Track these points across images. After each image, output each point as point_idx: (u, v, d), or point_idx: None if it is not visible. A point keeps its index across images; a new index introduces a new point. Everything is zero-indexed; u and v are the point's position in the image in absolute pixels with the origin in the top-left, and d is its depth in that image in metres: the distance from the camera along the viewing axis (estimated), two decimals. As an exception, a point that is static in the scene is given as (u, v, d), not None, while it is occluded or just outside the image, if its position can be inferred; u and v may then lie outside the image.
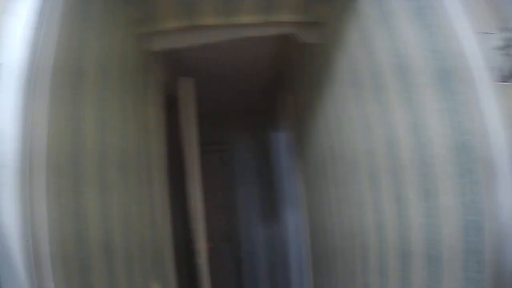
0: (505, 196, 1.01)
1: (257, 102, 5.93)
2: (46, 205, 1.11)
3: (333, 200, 2.69)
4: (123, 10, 2.27)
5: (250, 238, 5.91)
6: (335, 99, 2.43)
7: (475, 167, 1.13)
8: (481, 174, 1.11)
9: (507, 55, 1.04)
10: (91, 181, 1.53)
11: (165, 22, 2.56)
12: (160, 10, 2.45)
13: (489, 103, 1.06)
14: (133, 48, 2.47)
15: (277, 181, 5.60)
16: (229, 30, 2.66)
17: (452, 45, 1.17)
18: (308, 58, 2.98)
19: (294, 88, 3.66)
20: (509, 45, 1.04)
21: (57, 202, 1.20)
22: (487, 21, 1.10)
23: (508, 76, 1.04)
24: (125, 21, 2.31)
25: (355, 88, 2.07)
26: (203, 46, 2.72)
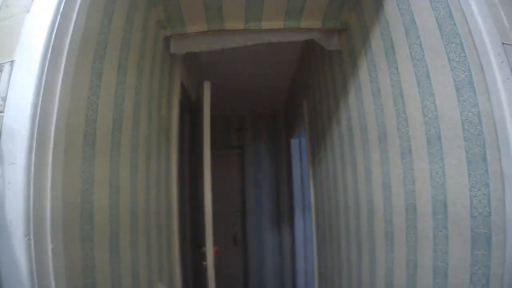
0: None
1: (275, 107, 5.96)
2: (51, 177, 1.11)
3: (342, 209, 2.69)
4: (152, 12, 2.32)
5: (259, 243, 5.90)
6: (352, 108, 2.44)
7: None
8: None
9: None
10: (103, 153, 1.56)
11: (190, 26, 2.61)
12: (187, 13, 2.49)
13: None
14: (159, 50, 2.52)
15: (290, 187, 5.60)
16: (252, 35, 2.68)
17: (477, 55, 1.18)
18: (328, 66, 2.99)
19: (312, 95, 3.67)
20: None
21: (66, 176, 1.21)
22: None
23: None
24: (152, 23, 2.36)
25: (374, 98, 2.07)
26: (225, 50, 2.74)
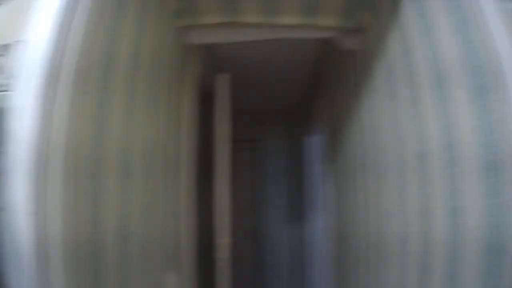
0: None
1: (293, 103, 5.93)
2: (61, 195, 1.11)
3: (361, 209, 2.67)
4: (167, 1, 2.31)
5: (274, 238, 5.91)
6: (370, 108, 2.41)
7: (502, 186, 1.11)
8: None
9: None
10: (112, 169, 1.53)
11: (206, 16, 2.59)
12: (202, 3, 2.48)
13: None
14: (172, 40, 2.52)
15: (307, 184, 5.58)
16: (270, 30, 2.67)
17: (493, 62, 1.15)
18: (347, 65, 2.96)
19: (331, 93, 3.64)
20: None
21: (74, 189, 1.20)
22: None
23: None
24: (166, 13, 2.35)
25: (391, 98, 2.05)
26: (243, 43, 2.72)
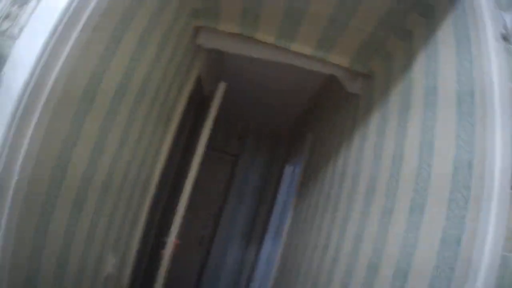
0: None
1: (281, 128, 5.96)
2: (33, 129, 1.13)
3: (310, 244, 2.69)
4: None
5: (223, 251, 5.87)
6: (351, 154, 2.44)
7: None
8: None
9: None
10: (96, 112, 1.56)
11: (223, 23, 2.60)
12: (223, 10, 2.49)
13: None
14: (187, 40, 2.54)
15: (270, 210, 5.58)
16: (279, 53, 2.68)
17: (480, 135, 1.18)
18: (343, 107, 3.00)
19: (319, 130, 3.68)
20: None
21: (49, 126, 1.22)
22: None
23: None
24: (188, 10, 2.38)
25: (375, 152, 2.07)
26: (251, 58, 2.75)
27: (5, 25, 1.15)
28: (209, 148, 2.94)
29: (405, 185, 1.61)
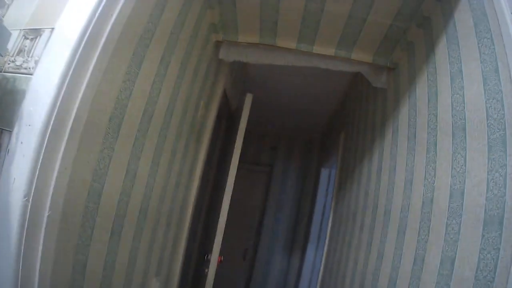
0: None
1: (312, 133, 5.93)
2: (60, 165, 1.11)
3: (353, 248, 2.64)
4: (207, 13, 2.36)
5: (267, 263, 5.83)
6: (385, 149, 2.39)
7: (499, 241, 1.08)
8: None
9: None
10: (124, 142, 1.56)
11: (243, 35, 2.64)
12: (240, 22, 2.53)
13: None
14: (208, 52, 2.56)
15: (310, 216, 5.52)
16: (302, 57, 2.68)
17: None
18: (372, 103, 2.96)
19: (350, 129, 3.63)
20: None
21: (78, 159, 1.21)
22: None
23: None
24: (206, 25, 2.41)
25: (408, 142, 2.03)
26: (274, 66, 2.74)
27: (19, 60, 1.15)
28: (242, 162, 2.92)
29: (442, 173, 1.57)
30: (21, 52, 1.17)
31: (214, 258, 2.78)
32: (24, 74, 1.13)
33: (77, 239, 1.31)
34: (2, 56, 1.14)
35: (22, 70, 1.13)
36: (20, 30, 1.22)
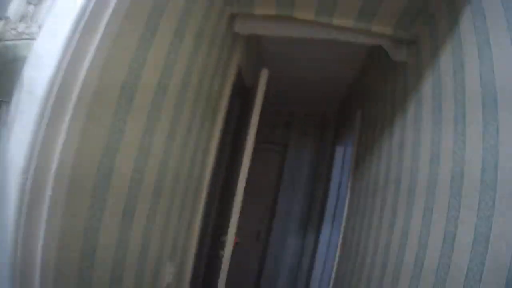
0: None
1: (327, 110, 5.84)
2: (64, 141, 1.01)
3: (374, 226, 2.57)
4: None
5: (281, 243, 5.80)
6: (407, 123, 2.32)
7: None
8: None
9: None
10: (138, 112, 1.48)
11: (259, 7, 2.54)
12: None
13: None
14: (223, 29, 2.48)
15: (325, 194, 5.46)
16: (320, 29, 2.59)
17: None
18: (391, 78, 2.86)
19: (368, 106, 3.55)
20: None
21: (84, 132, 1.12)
22: None
23: None
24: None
25: (433, 115, 1.95)
26: (289, 40, 2.66)
27: (22, 27, 1.06)
28: (257, 140, 2.85)
29: (473, 145, 1.49)
30: (24, 18, 1.08)
31: (230, 240, 2.72)
32: (26, 40, 1.03)
33: (85, 223, 1.22)
34: (1, 19, 1.06)
35: (24, 36, 1.04)
36: (23, -5, 1.12)
